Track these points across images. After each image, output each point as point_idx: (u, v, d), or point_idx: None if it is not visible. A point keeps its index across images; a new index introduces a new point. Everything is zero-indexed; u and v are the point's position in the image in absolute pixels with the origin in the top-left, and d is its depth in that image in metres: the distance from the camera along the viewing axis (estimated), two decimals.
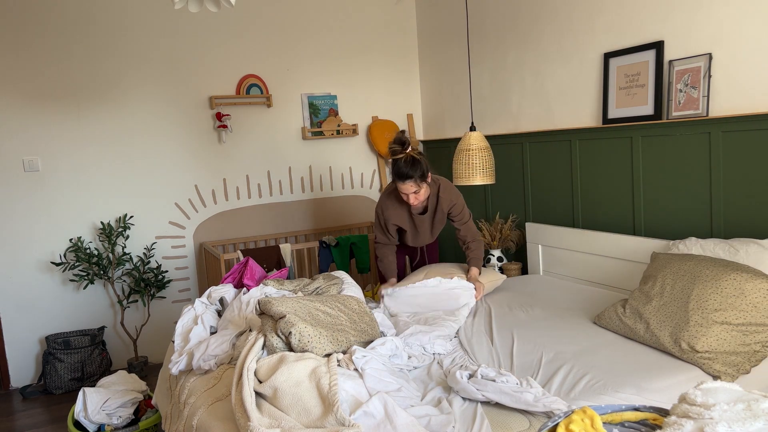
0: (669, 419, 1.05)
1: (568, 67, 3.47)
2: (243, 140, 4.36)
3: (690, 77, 2.75)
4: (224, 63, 4.25)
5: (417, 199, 2.92)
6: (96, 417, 2.81)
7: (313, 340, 2.03)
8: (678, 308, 2.25)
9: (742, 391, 1.06)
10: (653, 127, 2.93)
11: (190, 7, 2.19)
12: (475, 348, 2.40)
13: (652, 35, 2.95)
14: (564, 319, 2.68)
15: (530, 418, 1.77)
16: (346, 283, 2.76)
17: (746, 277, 2.16)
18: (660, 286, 2.38)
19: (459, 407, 1.84)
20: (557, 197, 3.60)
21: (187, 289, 4.25)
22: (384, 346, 2.13)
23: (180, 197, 4.20)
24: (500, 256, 3.85)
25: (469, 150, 3.29)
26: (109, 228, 3.86)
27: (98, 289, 4.00)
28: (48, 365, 3.67)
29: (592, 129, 3.27)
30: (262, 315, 2.21)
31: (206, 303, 2.68)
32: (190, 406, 2.01)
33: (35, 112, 3.77)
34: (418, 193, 2.89)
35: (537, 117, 3.75)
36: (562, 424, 1.07)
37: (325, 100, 4.60)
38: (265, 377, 1.86)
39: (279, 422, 1.70)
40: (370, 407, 1.72)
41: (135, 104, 4.02)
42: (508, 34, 3.90)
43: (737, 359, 2.09)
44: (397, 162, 2.85)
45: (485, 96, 4.18)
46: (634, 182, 3.08)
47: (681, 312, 2.22)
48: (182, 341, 2.42)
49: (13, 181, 3.74)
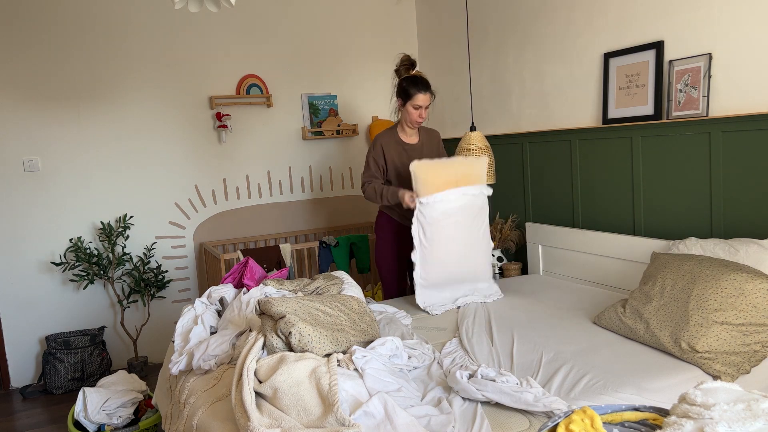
0: (669, 419, 1.05)
1: (568, 67, 3.47)
2: (243, 140, 4.36)
3: (690, 77, 2.75)
4: (224, 63, 4.25)
5: (424, 116, 3.18)
6: (96, 417, 2.81)
7: (313, 340, 2.03)
8: (678, 308, 2.25)
9: (742, 391, 1.06)
10: (653, 127, 2.93)
11: (190, 7, 2.19)
12: (475, 348, 2.40)
13: (652, 35, 2.95)
14: (564, 319, 2.68)
15: (530, 418, 1.77)
16: (346, 283, 2.75)
17: (746, 277, 2.16)
18: (660, 286, 2.38)
19: (459, 407, 1.84)
20: (557, 197, 3.60)
21: (187, 289, 4.25)
22: (384, 346, 2.13)
23: (180, 197, 4.20)
24: (500, 256, 3.85)
25: (470, 150, 3.29)
26: (109, 228, 3.86)
27: (98, 289, 4.00)
28: (48, 365, 3.67)
29: (592, 129, 3.27)
30: (262, 315, 2.21)
31: (206, 303, 2.68)
32: (190, 406, 2.01)
33: (35, 113, 3.77)
34: (427, 110, 3.17)
35: (537, 117, 3.75)
36: (562, 424, 1.07)
37: (325, 100, 4.60)
38: (265, 377, 1.86)
39: (279, 422, 1.70)
40: (370, 407, 1.72)
41: (135, 104, 4.02)
42: (508, 34, 3.90)
43: (737, 359, 2.09)
44: (416, 77, 3.16)
45: (485, 96, 4.18)
46: (634, 182, 3.08)
47: (681, 312, 2.22)
48: (182, 341, 2.42)
49: (13, 181, 3.74)
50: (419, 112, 3.15)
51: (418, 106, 3.13)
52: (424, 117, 3.18)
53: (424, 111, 3.15)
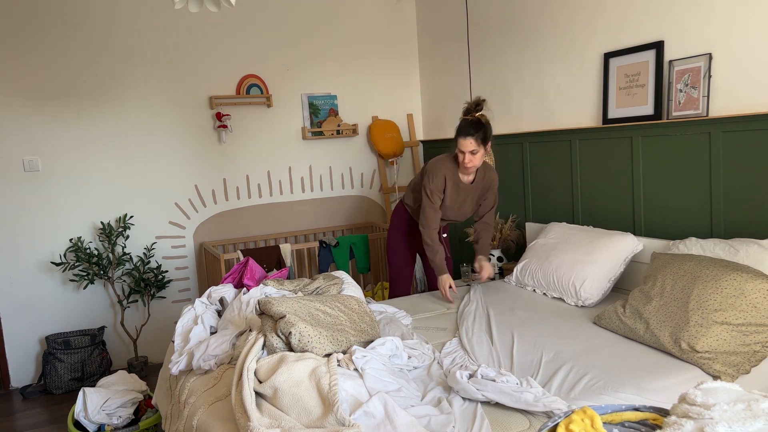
0: (669, 419, 1.05)
1: (568, 67, 3.47)
2: (243, 140, 4.36)
3: (690, 77, 2.75)
4: (224, 63, 4.25)
5: (472, 162, 3.00)
6: (96, 417, 2.81)
7: (313, 340, 2.03)
8: (678, 308, 2.25)
9: (742, 391, 1.06)
10: (653, 127, 2.93)
11: (190, 7, 2.19)
12: (475, 348, 2.40)
13: (652, 35, 2.95)
14: (564, 319, 2.68)
15: (530, 418, 1.77)
16: (346, 283, 2.75)
17: (746, 278, 2.16)
18: (660, 286, 2.38)
19: (459, 407, 1.84)
20: (557, 197, 3.60)
21: (187, 289, 4.25)
22: (384, 346, 2.13)
23: (180, 197, 4.20)
24: (500, 256, 3.85)
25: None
26: (109, 228, 3.86)
27: (98, 289, 4.00)
28: (48, 365, 3.67)
29: (592, 129, 3.27)
30: (262, 315, 2.21)
31: (206, 303, 2.68)
32: (190, 406, 2.01)
33: (35, 112, 3.77)
34: (475, 155, 2.99)
35: (537, 117, 3.75)
36: (562, 424, 1.07)
37: (325, 100, 4.60)
38: (265, 377, 1.86)
39: (279, 422, 1.70)
40: (370, 407, 1.72)
41: (135, 104, 4.02)
42: (508, 34, 3.90)
43: (737, 359, 2.09)
44: (466, 120, 3.00)
45: (485, 96, 4.18)
46: (634, 182, 3.08)
47: (681, 312, 2.22)
48: (182, 341, 2.42)
49: (13, 181, 3.74)
50: (463, 156, 3.00)
51: (461, 151, 3.00)
52: (473, 162, 3.00)
53: (470, 155, 2.98)
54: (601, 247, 2.92)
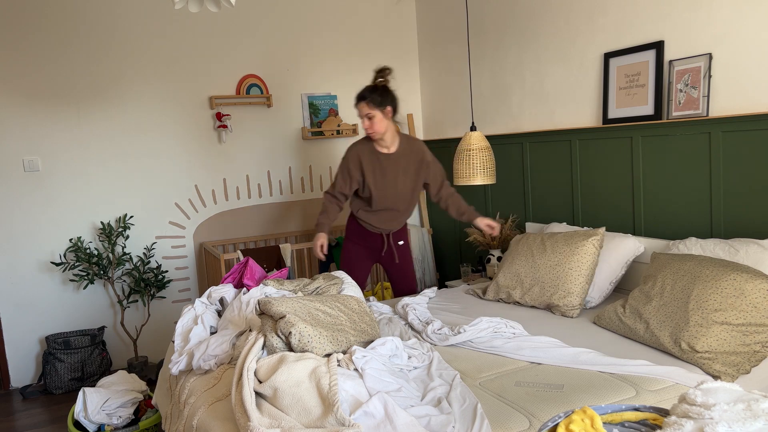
0: (669, 419, 1.05)
1: (568, 67, 3.47)
2: (243, 140, 4.36)
3: (690, 77, 2.75)
4: (224, 63, 4.25)
5: (372, 127, 2.98)
6: (96, 417, 2.81)
7: (313, 340, 2.03)
8: (678, 308, 2.25)
9: (742, 391, 1.06)
10: (653, 127, 2.93)
11: (190, 7, 2.19)
12: None
13: (652, 35, 2.95)
14: (564, 319, 2.68)
15: (530, 419, 1.77)
16: (346, 283, 2.76)
17: (746, 278, 2.16)
18: (660, 286, 2.38)
19: (459, 407, 1.84)
20: (557, 197, 3.60)
21: (187, 289, 4.25)
22: (384, 346, 2.13)
23: (180, 197, 4.20)
24: (500, 256, 3.85)
25: (470, 150, 3.29)
26: (109, 228, 3.86)
27: (98, 289, 4.00)
28: (48, 365, 3.67)
29: (592, 129, 3.27)
30: (262, 315, 2.21)
31: (206, 303, 2.68)
32: (190, 406, 2.01)
33: (35, 112, 3.77)
34: (372, 119, 2.96)
35: (537, 117, 3.75)
36: (562, 424, 1.08)
37: (325, 100, 4.60)
38: (265, 377, 1.86)
39: (279, 422, 1.70)
40: (370, 407, 1.72)
41: (135, 104, 4.02)
42: (508, 34, 3.90)
43: (737, 359, 2.09)
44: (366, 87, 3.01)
45: (485, 96, 4.18)
46: (634, 182, 3.08)
47: (681, 312, 2.22)
48: (182, 341, 2.42)
49: (13, 181, 3.74)
50: (362, 122, 3.01)
51: (359, 117, 3.02)
52: (372, 127, 2.98)
53: (367, 120, 2.98)
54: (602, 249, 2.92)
